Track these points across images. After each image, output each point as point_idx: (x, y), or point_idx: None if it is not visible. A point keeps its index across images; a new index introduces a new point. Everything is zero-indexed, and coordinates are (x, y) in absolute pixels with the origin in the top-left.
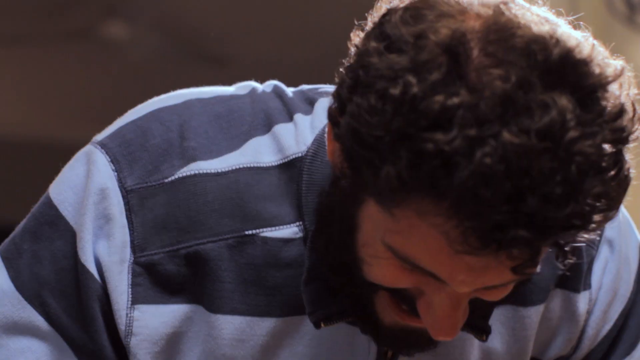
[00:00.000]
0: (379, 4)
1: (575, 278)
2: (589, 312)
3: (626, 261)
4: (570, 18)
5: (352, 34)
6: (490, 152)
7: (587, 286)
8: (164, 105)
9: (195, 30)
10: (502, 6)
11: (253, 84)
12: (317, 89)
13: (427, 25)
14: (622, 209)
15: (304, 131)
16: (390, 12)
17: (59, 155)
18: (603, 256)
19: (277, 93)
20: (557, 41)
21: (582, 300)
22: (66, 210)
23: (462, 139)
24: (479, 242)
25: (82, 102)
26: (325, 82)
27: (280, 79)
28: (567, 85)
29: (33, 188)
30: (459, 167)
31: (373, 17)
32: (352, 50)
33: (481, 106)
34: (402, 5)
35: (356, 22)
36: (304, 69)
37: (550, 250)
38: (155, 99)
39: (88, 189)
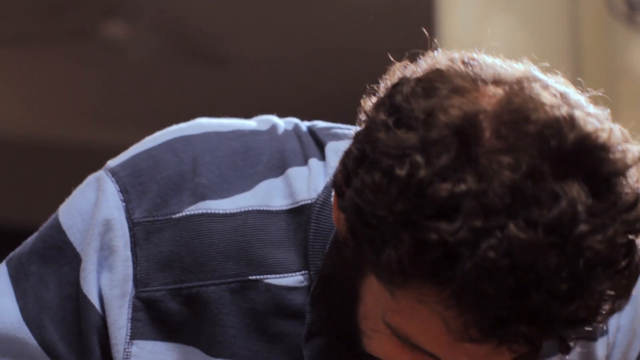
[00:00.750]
0: (392, 69)
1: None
2: (608, 357)
3: None
4: (582, 87)
5: (362, 101)
6: (495, 245)
7: (604, 332)
8: (181, 135)
9: (195, 30)
10: (516, 86)
11: (274, 119)
12: (329, 129)
13: (439, 102)
14: None
15: (317, 177)
16: (402, 81)
17: (58, 155)
18: None
19: (297, 133)
20: (573, 126)
21: (600, 347)
22: (74, 236)
23: (467, 230)
24: (479, 334)
25: (82, 102)
26: (324, 82)
27: (280, 79)
28: (580, 173)
29: (32, 188)
30: (462, 258)
31: (386, 83)
32: (362, 117)
33: (489, 195)
34: (415, 75)
35: (367, 87)
36: (304, 69)
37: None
38: (174, 127)
39: (95, 218)
